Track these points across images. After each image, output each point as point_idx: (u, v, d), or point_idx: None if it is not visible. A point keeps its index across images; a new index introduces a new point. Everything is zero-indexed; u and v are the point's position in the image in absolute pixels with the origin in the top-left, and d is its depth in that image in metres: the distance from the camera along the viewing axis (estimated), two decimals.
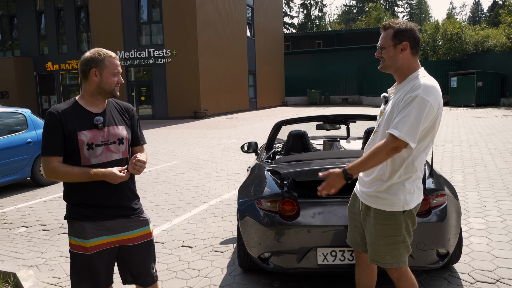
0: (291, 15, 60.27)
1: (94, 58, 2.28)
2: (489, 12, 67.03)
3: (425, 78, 2.19)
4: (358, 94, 34.75)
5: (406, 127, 2.07)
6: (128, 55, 23.49)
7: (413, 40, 2.22)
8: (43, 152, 2.23)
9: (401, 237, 2.30)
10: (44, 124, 2.24)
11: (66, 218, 2.34)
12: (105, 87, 2.30)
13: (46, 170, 2.24)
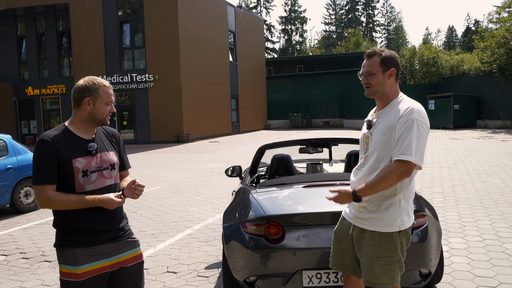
0: (272, 40, 61.31)
1: (88, 86, 2.28)
2: (463, 38, 69.44)
3: (412, 102, 2.30)
4: (339, 117, 35.27)
5: (414, 151, 2.15)
6: (111, 79, 23.47)
7: (398, 67, 2.36)
8: (37, 181, 2.19)
9: (396, 257, 2.33)
10: (37, 151, 2.19)
11: (57, 246, 2.30)
12: (97, 116, 2.31)
13: (41, 199, 2.19)
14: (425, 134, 2.21)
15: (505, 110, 23.43)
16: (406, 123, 2.19)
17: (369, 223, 2.34)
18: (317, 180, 3.84)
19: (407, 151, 2.15)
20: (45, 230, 6.22)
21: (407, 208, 2.33)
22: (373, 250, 2.32)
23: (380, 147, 2.29)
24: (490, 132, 21.24)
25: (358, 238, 2.41)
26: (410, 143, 2.15)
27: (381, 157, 2.29)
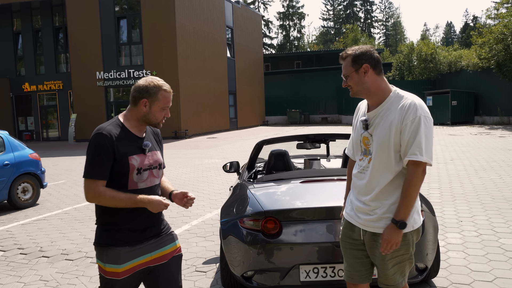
0: (270, 36, 61.20)
1: (149, 88, 2.25)
2: (461, 34, 69.48)
3: (412, 96, 2.23)
4: (337, 113, 35.29)
5: (424, 149, 2.12)
6: (108, 75, 23.42)
7: (373, 61, 2.22)
8: (90, 174, 2.15)
9: (408, 255, 2.30)
10: (94, 145, 2.15)
11: (99, 245, 2.24)
12: (151, 119, 2.29)
13: (91, 193, 2.15)
14: (431, 129, 2.18)
15: (503, 106, 23.49)
16: (414, 122, 2.13)
17: (382, 225, 2.23)
18: (314, 176, 3.85)
19: (417, 151, 2.12)
20: (43, 226, 6.22)
21: (417, 206, 2.28)
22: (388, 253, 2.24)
23: (386, 147, 2.20)
24: (488, 128, 21.30)
25: (370, 242, 2.30)
26: (419, 142, 2.12)
27: (388, 157, 2.20)
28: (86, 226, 6.06)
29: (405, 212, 2.16)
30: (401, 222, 2.15)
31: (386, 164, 2.22)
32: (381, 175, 2.23)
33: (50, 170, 12.34)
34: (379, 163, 2.23)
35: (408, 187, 2.15)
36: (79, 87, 23.88)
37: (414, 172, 2.14)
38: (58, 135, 26.43)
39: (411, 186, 2.15)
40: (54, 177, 11.06)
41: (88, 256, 4.77)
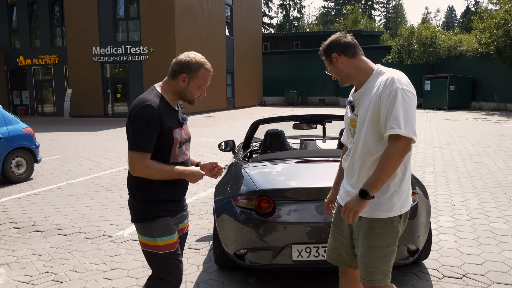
0: (270, 15, 60.46)
1: (190, 64, 2.21)
2: (462, 18, 68.88)
3: (390, 72, 2.12)
4: (335, 95, 35.19)
5: (403, 122, 1.97)
6: (104, 51, 23.13)
7: (340, 47, 2.19)
8: (139, 147, 2.12)
9: (393, 247, 2.15)
10: (145, 118, 2.11)
11: (146, 219, 2.22)
12: (187, 95, 2.28)
13: (139, 166, 2.13)
14: (411, 102, 2.02)
15: (500, 93, 23.47)
16: (390, 96, 2.01)
17: (368, 209, 2.12)
18: (309, 156, 3.84)
19: (394, 124, 1.97)
20: (36, 200, 6.22)
21: (406, 189, 2.15)
22: (371, 240, 2.12)
23: (366, 127, 2.11)
24: (484, 114, 21.32)
25: (356, 228, 2.20)
26: (396, 115, 1.98)
27: (368, 136, 2.10)
28: (80, 202, 6.06)
29: (372, 182, 2.00)
30: (362, 190, 2.01)
31: (367, 144, 2.12)
32: (363, 156, 2.14)
33: (44, 145, 12.28)
34: (361, 143, 2.15)
35: (383, 160, 2.00)
36: (75, 62, 23.61)
37: (392, 146, 1.99)
38: (54, 110, 26.25)
39: (385, 159, 1.99)
40: (49, 152, 11.02)
41: (82, 232, 4.78)
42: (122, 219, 5.21)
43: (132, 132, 2.13)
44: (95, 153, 10.73)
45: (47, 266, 3.85)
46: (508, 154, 9.26)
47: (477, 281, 3.37)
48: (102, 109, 23.92)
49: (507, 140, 11.49)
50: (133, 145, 2.13)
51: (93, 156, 10.25)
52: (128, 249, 4.21)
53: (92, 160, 9.67)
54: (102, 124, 19.51)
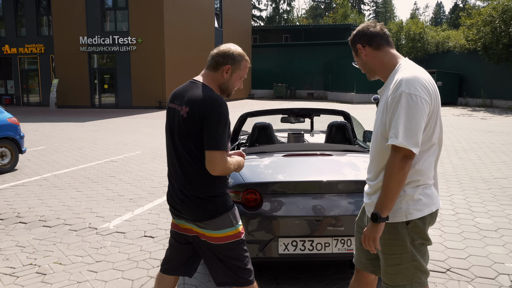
0: (259, 8, 60.21)
1: (234, 55, 2.21)
2: (450, 14, 69.44)
3: (405, 71, 1.94)
4: (324, 89, 35.26)
5: (402, 131, 1.82)
6: (91, 41, 22.81)
7: (365, 37, 2.08)
8: (223, 146, 2.07)
9: (408, 255, 1.98)
10: (222, 116, 2.07)
11: (226, 211, 2.20)
12: (229, 87, 2.25)
13: (224, 164, 2.08)
14: (417, 109, 1.82)
15: (486, 89, 23.75)
16: (394, 100, 1.86)
17: (367, 209, 2.08)
18: (297, 150, 3.83)
19: (393, 134, 1.84)
20: (20, 191, 6.13)
21: (416, 194, 1.95)
22: (382, 245, 2.01)
23: (375, 129, 2.03)
24: (470, 110, 21.58)
25: None
26: (396, 123, 1.83)
27: (378, 138, 2.01)
28: (65, 193, 5.99)
29: (380, 203, 1.89)
30: (373, 214, 1.91)
31: (378, 147, 2.01)
32: (375, 158, 2.05)
33: (29, 136, 12.10)
34: (373, 145, 2.07)
35: (385, 176, 1.88)
36: (61, 52, 23.25)
37: (392, 159, 1.85)
38: (39, 100, 25.86)
39: (387, 174, 1.87)
40: (34, 143, 10.86)
41: (66, 223, 4.72)
42: (107, 211, 5.16)
43: (212, 131, 2.06)
44: (81, 144, 10.60)
45: (31, 258, 3.80)
46: (493, 150, 9.38)
47: (461, 275, 3.41)
48: (89, 100, 23.65)
49: (493, 136, 11.65)
50: (218, 145, 2.06)
51: (79, 147, 10.13)
52: (114, 242, 4.17)
53: (78, 151, 9.56)
54: (88, 115, 19.29)
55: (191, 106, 2.11)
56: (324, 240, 3.03)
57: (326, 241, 3.03)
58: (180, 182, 2.20)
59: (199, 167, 2.14)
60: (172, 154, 2.24)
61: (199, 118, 2.08)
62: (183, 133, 2.14)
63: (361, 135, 5.00)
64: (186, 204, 2.19)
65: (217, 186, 2.19)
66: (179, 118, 2.15)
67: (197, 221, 2.19)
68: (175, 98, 2.25)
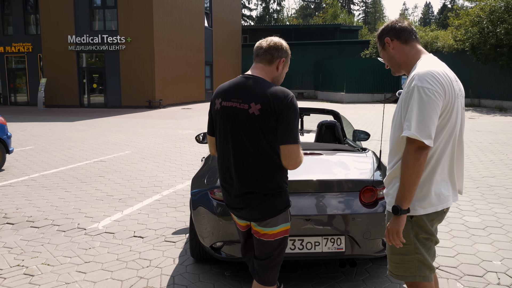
0: (249, 7, 60.14)
1: (286, 49, 2.22)
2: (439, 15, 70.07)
3: (421, 66, 1.99)
4: (314, 89, 35.35)
5: (414, 124, 1.87)
6: (80, 40, 22.60)
7: (394, 31, 2.13)
8: (299, 139, 2.10)
9: (411, 247, 2.04)
10: (296, 109, 2.09)
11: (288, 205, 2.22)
12: (279, 80, 2.26)
13: (300, 157, 2.11)
14: (430, 102, 1.87)
15: (474, 89, 24.01)
16: (408, 94, 1.93)
17: (389, 201, 2.11)
18: None
19: (406, 126, 1.90)
20: (8, 192, 6.04)
21: (424, 191, 2.00)
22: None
23: (394, 122, 2.09)
24: None
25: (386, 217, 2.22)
26: (410, 116, 1.89)
27: (394, 133, 2.08)
28: (53, 194, 5.92)
29: (400, 195, 1.94)
30: (394, 206, 1.96)
31: (394, 140, 2.08)
32: (392, 151, 2.12)
33: (17, 136, 11.95)
34: (390, 138, 2.14)
35: (402, 167, 1.93)
36: (49, 51, 23.01)
37: (406, 150, 1.91)
38: (27, 99, 25.56)
39: (403, 166, 1.92)
40: (22, 142, 10.73)
41: (55, 224, 4.67)
42: (96, 211, 5.12)
43: (289, 125, 2.06)
44: (70, 144, 10.50)
45: (18, 259, 3.75)
46: (481, 149, 9.49)
47: (450, 273, 3.44)
48: (77, 100, 23.44)
49: (481, 135, 11.78)
50: (295, 138, 2.07)
51: (67, 147, 10.03)
52: (103, 242, 4.13)
53: (66, 151, 9.46)
54: (77, 114, 19.11)
55: (263, 102, 2.06)
56: (314, 239, 3.03)
57: (316, 240, 3.03)
58: (246, 182, 2.15)
59: (269, 163, 2.12)
60: (233, 154, 2.16)
61: (275, 114, 2.06)
62: (254, 131, 2.09)
63: (351, 134, 5.03)
64: (250, 202, 2.16)
65: (283, 180, 2.20)
66: (248, 116, 2.09)
67: (261, 219, 2.18)
68: (229, 95, 2.16)
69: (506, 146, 9.85)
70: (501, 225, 4.57)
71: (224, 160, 2.22)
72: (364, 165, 3.42)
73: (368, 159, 3.57)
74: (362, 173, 3.27)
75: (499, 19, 20.93)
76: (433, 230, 2.07)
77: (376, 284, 3.28)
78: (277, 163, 2.13)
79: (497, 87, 22.40)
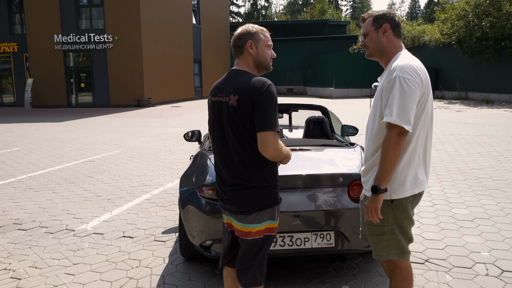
0: (237, 4, 59.97)
1: (248, 31, 2.23)
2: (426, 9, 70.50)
3: (401, 59, 2.16)
4: (303, 84, 35.40)
5: (395, 111, 2.02)
6: (66, 39, 22.35)
7: (393, 22, 2.24)
8: (276, 126, 2.06)
9: (388, 228, 2.20)
10: (273, 96, 2.08)
11: (276, 202, 2.22)
12: (262, 60, 2.24)
13: (277, 144, 2.08)
14: (410, 91, 2.03)
15: (461, 82, 24.22)
16: (389, 83, 2.08)
17: (368, 188, 2.24)
18: None
19: (388, 112, 2.05)
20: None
21: (403, 175, 2.15)
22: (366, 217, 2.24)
23: (373, 111, 2.22)
24: (447, 103, 21.97)
25: (363, 204, 2.35)
26: (391, 103, 2.04)
27: (374, 121, 2.21)
28: (41, 195, 5.85)
29: (378, 175, 2.09)
30: (372, 186, 2.11)
31: (373, 128, 2.22)
32: (370, 138, 2.24)
33: (3, 137, 11.79)
34: (369, 126, 2.26)
35: (383, 150, 2.08)
36: (35, 50, 22.72)
37: (388, 135, 2.06)
38: (14, 100, 25.23)
39: (384, 149, 2.07)
40: (8, 144, 10.59)
41: (42, 226, 4.61)
42: (85, 212, 5.07)
43: (264, 112, 2.05)
44: (58, 144, 10.39)
45: (5, 262, 3.70)
46: (469, 142, 9.58)
47: (439, 265, 3.46)
48: (65, 99, 23.19)
49: (468, 128, 11.89)
50: (270, 125, 2.05)
51: (55, 147, 9.92)
52: (92, 243, 4.09)
53: (54, 151, 9.36)
54: (65, 114, 18.92)
55: (240, 93, 2.11)
56: (303, 235, 3.03)
57: (306, 236, 3.03)
58: (232, 174, 2.19)
59: (253, 156, 2.14)
60: (223, 147, 2.22)
61: (251, 102, 2.08)
62: (235, 123, 2.13)
63: (339, 129, 5.03)
64: (237, 194, 2.19)
65: (270, 175, 2.20)
66: (229, 108, 2.14)
67: (244, 213, 2.19)
68: (217, 91, 2.25)
69: (493, 138, 9.96)
70: (489, 216, 4.61)
71: (216, 152, 2.29)
72: (352, 160, 3.43)
73: (356, 154, 3.57)
74: (350, 168, 3.27)
75: (484, 12, 21.12)
76: (411, 214, 2.23)
77: (367, 278, 3.29)
78: (260, 155, 2.13)
79: (483, 80, 22.62)
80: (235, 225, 2.26)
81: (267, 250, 2.29)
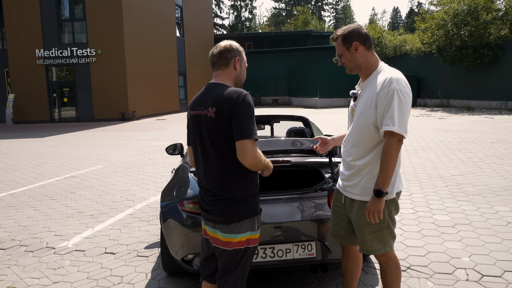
0: (221, 16, 60.32)
1: (237, 47, 2.30)
2: (407, 19, 71.79)
3: (391, 71, 2.34)
4: (288, 95, 35.58)
5: (397, 121, 2.21)
6: (48, 53, 22.17)
7: (361, 37, 2.37)
8: (254, 134, 2.10)
9: (385, 224, 2.39)
10: (249, 105, 2.13)
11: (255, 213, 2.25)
12: (242, 78, 2.34)
13: (255, 153, 2.11)
14: (406, 103, 2.26)
15: (443, 90, 24.63)
16: (387, 95, 2.24)
17: (357, 192, 2.41)
18: None
19: (389, 122, 2.21)
20: None
21: (395, 177, 2.38)
22: (362, 219, 2.39)
23: (362, 119, 2.35)
24: (429, 110, 22.30)
25: (349, 207, 2.50)
26: (392, 114, 2.22)
27: (362, 128, 2.34)
28: (21, 213, 5.75)
29: (382, 180, 2.24)
30: (376, 190, 2.25)
31: (361, 135, 2.36)
32: (356, 144, 2.39)
33: None
34: (355, 133, 2.40)
35: (384, 156, 2.24)
36: (17, 65, 22.48)
37: (389, 142, 2.23)
38: None
39: (386, 155, 2.23)
40: None
41: (22, 245, 4.53)
42: (66, 229, 4.99)
43: (241, 121, 2.10)
44: (40, 160, 10.24)
45: None
46: (450, 148, 9.72)
47: (420, 272, 3.49)
48: (48, 114, 22.94)
49: (449, 135, 12.08)
50: (248, 133, 2.09)
51: (37, 164, 9.78)
52: (73, 261, 4.03)
53: (36, 168, 9.22)
54: (48, 130, 18.69)
55: (217, 104, 2.15)
56: (285, 246, 3.03)
57: (287, 247, 3.03)
58: (213, 185, 2.23)
59: (232, 166, 2.18)
60: (201, 160, 2.26)
61: (228, 113, 2.12)
62: (214, 135, 2.17)
63: None
64: (218, 204, 2.23)
65: (250, 186, 2.24)
66: (208, 121, 2.18)
67: (225, 222, 2.21)
68: (196, 104, 2.29)
69: (473, 144, 10.12)
70: (469, 221, 4.68)
71: (197, 165, 2.33)
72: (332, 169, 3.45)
73: (336, 164, 3.60)
74: (330, 177, 3.30)
75: (462, 22, 21.58)
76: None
77: None
78: (240, 165, 2.17)
79: (464, 87, 23.05)
80: (219, 236, 2.26)
81: (247, 262, 2.29)
